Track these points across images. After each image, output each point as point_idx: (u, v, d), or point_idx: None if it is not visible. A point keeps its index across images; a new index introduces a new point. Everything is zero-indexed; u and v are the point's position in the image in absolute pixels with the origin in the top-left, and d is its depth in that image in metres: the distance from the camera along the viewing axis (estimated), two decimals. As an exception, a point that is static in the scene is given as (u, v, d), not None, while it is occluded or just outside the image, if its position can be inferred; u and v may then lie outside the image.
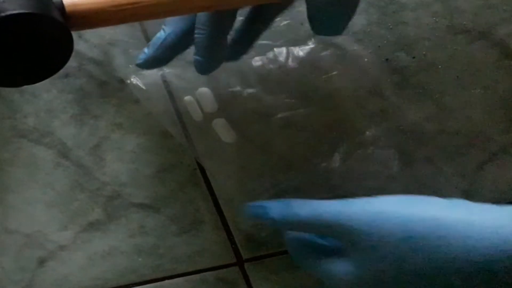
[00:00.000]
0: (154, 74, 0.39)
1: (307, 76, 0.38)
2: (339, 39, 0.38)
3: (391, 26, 0.38)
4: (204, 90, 0.39)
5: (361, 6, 0.37)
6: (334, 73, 0.38)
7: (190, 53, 0.38)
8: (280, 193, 0.40)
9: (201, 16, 0.32)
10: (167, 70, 0.39)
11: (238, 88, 0.39)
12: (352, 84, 0.38)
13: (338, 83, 0.38)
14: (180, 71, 0.39)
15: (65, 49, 0.27)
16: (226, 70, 0.38)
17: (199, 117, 0.39)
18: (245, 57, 0.36)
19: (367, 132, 0.38)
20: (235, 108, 0.39)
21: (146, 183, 0.40)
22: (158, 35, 0.34)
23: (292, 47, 0.38)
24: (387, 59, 0.38)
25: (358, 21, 0.38)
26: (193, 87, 0.39)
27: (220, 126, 0.39)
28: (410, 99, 0.38)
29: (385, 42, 0.38)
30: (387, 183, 0.38)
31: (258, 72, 0.38)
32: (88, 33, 0.39)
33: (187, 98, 0.39)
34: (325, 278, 0.33)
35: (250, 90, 0.39)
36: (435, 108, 0.38)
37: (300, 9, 0.35)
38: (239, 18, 0.36)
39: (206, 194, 0.40)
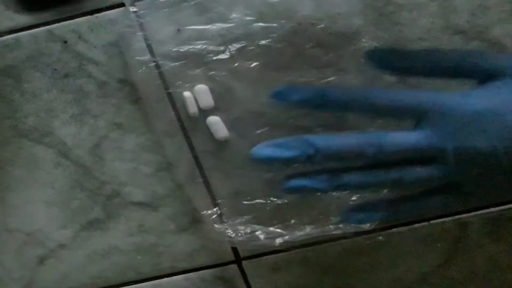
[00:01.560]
0: (153, 72, 0.39)
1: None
2: (340, 39, 0.38)
3: (388, 27, 0.38)
4: (201, 86, 0.39)
5: (358, 7, 0.37)
6: (332, 78, 0.38)
7: (189, 49, 0.38)
8: (278, 194, 0.40)
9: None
10: (167, 66, 0.39)
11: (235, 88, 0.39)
12: (350, 84, 0.38)
13: (335, 83, 0.38)
14: (179, 68, 0.39)
15: None
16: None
17: (194, 114, 0.39)
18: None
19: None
20: (231, 106, 0.39)
21: (145, 182, 0.41)
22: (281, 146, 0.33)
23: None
24: (384, 59, 0.38)
25: (355, 21, 0.38)
26: (192, 84, 0.39)
27: (213, 124, 0.39)
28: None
29: (382, 43, 0.38)
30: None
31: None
32: (88, 33, 0.39)
33: (186, 93, 0.39)
34: None
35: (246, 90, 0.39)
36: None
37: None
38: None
39: (204, 192, 0.40)
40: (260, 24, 0.37)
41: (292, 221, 0.40)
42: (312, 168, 0.34)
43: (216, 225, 0.40)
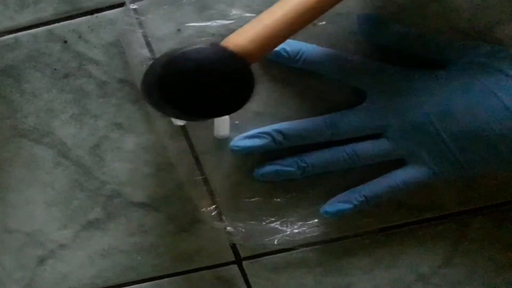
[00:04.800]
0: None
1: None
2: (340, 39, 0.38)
3: (388, 27, 0.38)
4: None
5: (358, 7, 0.38)
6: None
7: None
8: (277, 191, 0.40)
9: None
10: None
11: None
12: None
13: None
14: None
15: (248, 84, 0.31)
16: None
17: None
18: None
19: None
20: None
21: (145, 182, 0.41)
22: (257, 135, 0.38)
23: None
24: (385, 60, 0.38)
25: (355, 21, 0.38)
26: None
27: (220, 119, 0.39)
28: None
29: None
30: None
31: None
32: (88, 33, 0.39)
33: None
34: None
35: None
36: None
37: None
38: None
39: (204, 192, 0.40)
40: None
41: (292, 219, 0.40)
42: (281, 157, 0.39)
43: (215, 223, 0.40)
